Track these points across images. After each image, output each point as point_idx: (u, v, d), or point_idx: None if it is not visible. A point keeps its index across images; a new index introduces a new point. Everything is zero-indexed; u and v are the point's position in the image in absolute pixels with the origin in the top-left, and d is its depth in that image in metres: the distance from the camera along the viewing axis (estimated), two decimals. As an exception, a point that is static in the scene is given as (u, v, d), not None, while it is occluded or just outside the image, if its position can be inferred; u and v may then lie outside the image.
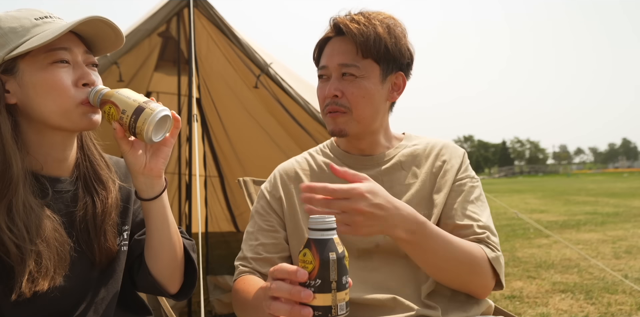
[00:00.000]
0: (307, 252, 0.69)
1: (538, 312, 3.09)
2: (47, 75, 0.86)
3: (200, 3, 2.80)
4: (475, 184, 1.16)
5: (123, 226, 1.03)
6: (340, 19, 1.09)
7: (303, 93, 2.85)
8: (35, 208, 0.86)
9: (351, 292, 1.04)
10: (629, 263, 4.54)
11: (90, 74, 0.90)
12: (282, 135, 3.59)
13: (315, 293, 0.67)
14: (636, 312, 3.08)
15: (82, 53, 0.91)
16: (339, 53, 1.08)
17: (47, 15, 0.91)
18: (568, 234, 6.58)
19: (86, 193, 0.96)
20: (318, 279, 0.67)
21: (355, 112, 1.08)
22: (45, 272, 0.83)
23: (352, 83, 1.07)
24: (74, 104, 0.88)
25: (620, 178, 37.19)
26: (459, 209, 1.10)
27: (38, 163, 0.91)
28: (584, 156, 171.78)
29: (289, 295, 0.68)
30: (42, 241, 0.84)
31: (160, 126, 0.90)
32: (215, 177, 4.83)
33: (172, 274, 1.01)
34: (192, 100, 2.54)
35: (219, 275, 3.37)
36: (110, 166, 1.03)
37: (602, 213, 9.25)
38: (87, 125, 0.90)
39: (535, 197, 15.25)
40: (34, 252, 0.83)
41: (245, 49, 2.82)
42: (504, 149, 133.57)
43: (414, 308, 1.03)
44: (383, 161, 1.16)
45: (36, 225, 0.84)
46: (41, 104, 0.87)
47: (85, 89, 0.89)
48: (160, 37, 3.26)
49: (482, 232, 1.06)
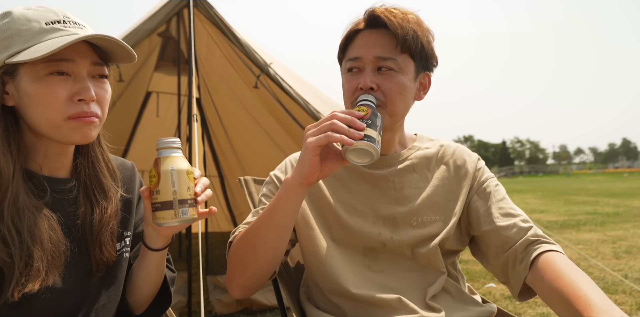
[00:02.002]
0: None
1: (538, 312, 3.09)
2: (40, 86, 0.83)
3: (200, 3, 2.81)
4: (497, 183, 1.16)
5: (125, 232, 1.01)
6: (380, 10, 1.05)
7: (303, 93, 2.85)
8: (30, 208, 0.84)
9: (357, 289, 1.06)
10: (629, 263, 4.55)
11: (88, 89, 0.85)
12: (282, 135, 3.59)
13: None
14: (636, 312, 3.08)
15: (88, 65, 0.86)
16: (375, 45, 1.04)
17: (62, 19, 0.86)
18: (568, 234, 6.58)
19: (86, 200, 0.94)
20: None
21: (390, 107, 1.04)
22: (36, 273, 0.81)
23: (390, 77, 1.03)
24: (62, 118, 0.84)
25: (620, 178, 37.18)
26: (495, 211, 1.09)
27: (36, 164, 0.90)
28: (584, 156, 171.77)
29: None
30: (34, 242, 0.82)
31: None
32: (215, 177, 4.83)
33: (144, 303, 1.05)
34: (192, 100, 2.54)
35: (219, 275, 3.37)
36: (116, 173, 1.00)
37: (602, 213, 9.24)
38: (78, 140, 0.87)
39: (535, 197, 15.25)
40: (24, 253, 0.80)
41: (245, 49, 2.82)
42: (504, 149, 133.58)
43: (418, 311, 1.03)
44: (396, 161, 1.14)
45: (29, 225, 0.82)
46: (32, 113, 0.85)
47: (80, 105, 0.85)
48: (160, 37, 3.26)
49: (529, 227, 1.05)
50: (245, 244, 1.04)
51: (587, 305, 0.85)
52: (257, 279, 1.06)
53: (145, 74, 3.67)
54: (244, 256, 1.04)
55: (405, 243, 1.09)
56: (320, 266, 1.10)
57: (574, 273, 0.93)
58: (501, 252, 1.05)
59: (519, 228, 1.05)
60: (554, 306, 0.93)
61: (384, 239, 1.09)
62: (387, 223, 1.10)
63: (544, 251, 1.00)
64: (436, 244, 1.08)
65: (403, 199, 1.11)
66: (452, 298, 1.10)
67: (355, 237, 1.10)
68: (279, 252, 1.04)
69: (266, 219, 1.00)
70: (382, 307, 1.04)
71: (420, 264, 1.10)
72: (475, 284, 3.87)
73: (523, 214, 1.10)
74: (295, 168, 0.95)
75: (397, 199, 1.11)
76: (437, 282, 1.09)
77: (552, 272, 0.95)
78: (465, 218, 1.13)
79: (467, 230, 1.14)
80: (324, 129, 0.90)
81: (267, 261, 1.03)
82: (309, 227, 1.11)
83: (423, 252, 1.08)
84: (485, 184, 1.14)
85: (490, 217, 1.08)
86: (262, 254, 1.02)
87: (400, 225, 1.10)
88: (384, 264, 1.10)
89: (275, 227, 1.00)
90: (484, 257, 1.12)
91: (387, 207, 1.11)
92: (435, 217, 1.10)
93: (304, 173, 0.93)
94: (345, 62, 1.09)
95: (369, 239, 1.10)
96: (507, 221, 1.06)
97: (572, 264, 0.97)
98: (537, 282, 0.97)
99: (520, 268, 1.01)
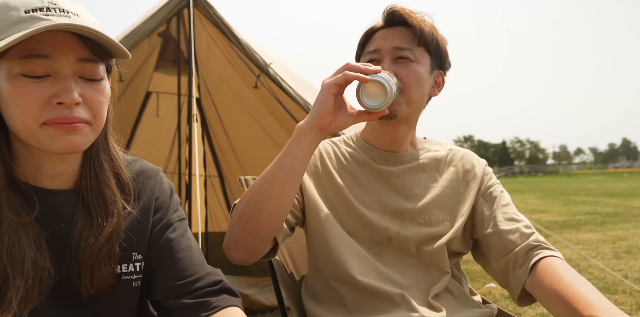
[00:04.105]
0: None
1: (538, 312, 3.09)
2: (13, 87, 0.70)
3: (200, 3, 2.81)
4: (503, 189, 1.18)
5: (134, 253, 0.86)
6: (399, 7, 1.10)
7: (303, 93, 2.85)
8: (13, 226, 0.72)
9: (362, 277, 1.06)
10: (629, 263, 4.54)
11: (69, 90, 0.71)
12: (282, 136, 3.59)
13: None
14: (636, 312, 3.08)
15: (73, 62, 0.73)
16: (393, 37, 1.09)
17: (47, 6, 0.72)
18: (568, 234, 6.58)
19: (82, 215, 0.80)
20: None
21: (407, 93, 1.06)
22: (8, 304, 0.70)
23: (407, 66, 1.07)
24: (37, 124, 0.71)
25: (620, 178, 37.18)
26: (499, 215, 1.10)
27: (26, 173, 0.78)
28: (584, 156, 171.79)
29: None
30: (14, 266, 0.70)
31: None
32: (215, 177, 4.83)
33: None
34: (192, 100, 2.54)
35: (219, 275, 3.37)
36: (128, 185, 0.87)
37: (602, 213, 9.24)
38: (60, 150, 0.73)
39: (535, 197, 15.25)
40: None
41: (245, 49, 2.82)
42: (504, 149, 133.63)
43: (420, 309, 1.03)
44: (407, 160, 1.16)
45: (9, 245, 0.71)
46: (8, 117, 0.73)
47: (59, 108, 0.71)
48: (160, 37, 3.26)
49: (531, 232, 1.06)
50: (250, 195, 0.99)
51: (586, 304, 0.86)
52: (258, 236, 0.99)
53: (145, 74, 3.67)
54: (247, 207, 0.98)
55: (411, 240, 1.09)
56: (327, 249, 1.09)
57: (573, 277, 0.94)
58: (502, 256, 1.06)
59: (521, 233, 1.06)
60: (553, 308, 0.94)
61: (390, 234, 1.10)
62: (394, 218, 1.11)
63: (544, 257, 1.01)
64: (443, 243, 1.09)
65: (412, 196, 1.13)
66: (454, 299, 1.10)
67: (362, 228, 1.11)
68: (284, 205, 0.98)
69: (274, 166, 0.97)
70: (384, 300, 1.04)
71: (425, 263, 1.11)
72: (475, 284, 3.87)
73: (526, 220, 1.11)
74: (310, 111, 0.96)
75: (406, 196, 1.13)
76: (441, 281, 1.10)
77: (551, 276, 0.96)
78: (470, 221, 1.14)
79: (470, 233, 1.15)
80: (340, 70, 0.94)
81: (270, 212, 0.96)
82: (318, 210, 1.11)
83: (429, 251, 1.09)
84: (492, 188, 1.16)
85: (494, 220, 1.10)
86: (266, 203, 0.96)
87: (408, 221, 1.11)
88: (389, 260, 1.11)
89: (283, 173, 0.96)
90: (485, 261, 1.13)
91: (396, 202, 1.12)
92: (442, 217, 1.12)
93: (318, 113, 0.94)
94: (364, 56, 1.12)
95: (376, 231, 1.10)
96: (510, 226, 1.08)
97: (571, 269, 0.98)
98: (536, 286, 0.98)
99: (520, 272, 1.02)
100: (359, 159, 1.16)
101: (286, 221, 1.08)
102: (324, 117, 0.94)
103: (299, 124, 0.97)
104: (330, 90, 0.92)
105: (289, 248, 1.38)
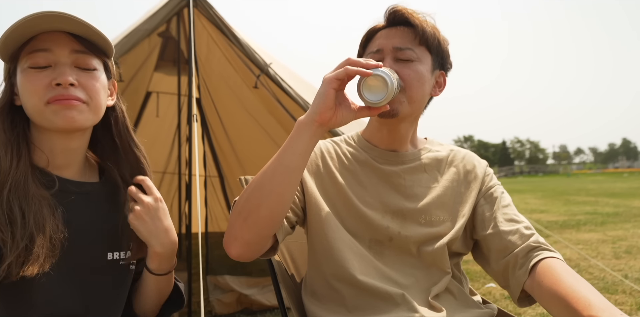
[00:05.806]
0: None
1: (538, 312, 3.09)
2: (24, 77, 0.89)
3: (200, 3, 2.80)
4: (504, 191, 1.18)
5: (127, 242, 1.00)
6: (401, 7, 1.11)
7: (303, 93, 2.85)
8: (37, 197, 0.87)
9: (363, 276, 1.06)
10: (629, 263, 4.55)
11: (64, 73, 0.88)
12: (282, 136, 3.59)
13: None
14: (636, 312, 3.08)
15: (68, 53, 0.90)
16: (395, 37, 1.09)
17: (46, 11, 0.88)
18: (568, 234, 6.58)
19: (95, 204, 0.97)
20: None
21: (409, 92, 1.07)
22: (35, 258, 0.83)
23: (408, 65, 1.08)
24: (43, 103, 0.88)
25: (620, 178, 37.19)
26: (499, 216, 1.11)
27: (43, 161, 0.93)
28: (584, 156, 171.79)
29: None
30: (38, 228, 0.84)
31: None
32: (215, 177, 4.83)
33: (152, 312, 1.09)
34: (192, 100, 2.54)
35: (219, 275, 3.37)
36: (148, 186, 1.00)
37: (602, 213, 9.24)
38: (62, 124, 0.89)
39: (535, 197, 15.25)
40: (26, 236, 0.83)
41: (245, 49, 2.82)
42: (504, 149, 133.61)
43: (420, 309, 1.03)
44: (408, 159, 1.16)
45: (35, 211, 0.85)
46: (25, 104, 0.91)
47: (57, 88, 0.88)
48: (160, 37, 3.26)
49: (531, 233, 1.06)
50: (250, 190, 0.99)
51: (586, 305, 0.86)
52: (258, 232, 0.98)
53: (145, 74, 3.67)
54: (247, 202, 0.97)
55: (412, 240, 1.09)
56: (327, 248, 1.09)
57: (573, 278, 0.94)
58: (502, 257, 1.06)
59: (521, 234, 1.06)
60: (552, 309, 0.93)
61: (391, 233, 1.10)
62: (395, 218, 1.11)
63: (544, 258, 1.01)
64: (444, 243, 1.09)
65: (413, 196, 1.13)
66: (454, 299, 1.10)
67: (363, 228, 1.11)
68: (284, 200, 0.97)
69: (275, 161, 0.97)
70: (385, 299, 1.04)
71: (426, 263, 1.11)
72: (475, 284, 3.87)
73: (526, 221, 1.11)
74: (310, 106, 0.96)
75: (407, 195, 1.13)
76: (441, 282, 1.10)
77: (551, 277, 0.96)
78: (470, 221, 1.14)
79: (471, 233, 1.15)
80: (342, 65, 0.94)
81: (270, 207, 0.96)
82: (319, 209, 1.11)
83: (429, 251, 1.09)
84: (493, 189, 1.16)
85: (494, 221, 1.10)
86: (266, 198, 0.95)
87: (409, 221, 1.11)
88: (389, 260, 1.10)
89: (283, 168, 0.96)
90: (485, 261, 1.13)
91: (397, 202, 1.12)
92: (443, 218, 1.12)
93: (319, 107, 0.93)
94: (366, 56, 1.13)
95: (377, 231, 1.10)
96: (510, 226, 1.08)
97: (571, 270, 0.97)
98: (536, 287, 0.98)
99: (520, 273, 1.02)
100: (360, 158, 1.16)
101: (287, 219, 1.08)
102: (325, 112, 0.93)
103: (299, 118, 0.97)
104: (331, 84, 0.92)
105: (289, 248, 1.38)
